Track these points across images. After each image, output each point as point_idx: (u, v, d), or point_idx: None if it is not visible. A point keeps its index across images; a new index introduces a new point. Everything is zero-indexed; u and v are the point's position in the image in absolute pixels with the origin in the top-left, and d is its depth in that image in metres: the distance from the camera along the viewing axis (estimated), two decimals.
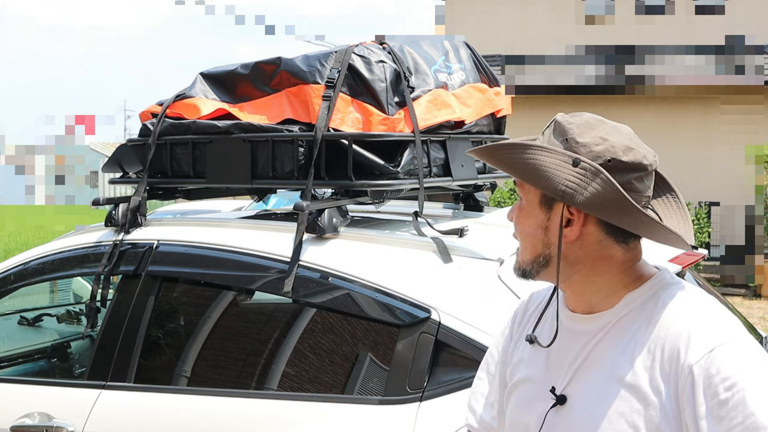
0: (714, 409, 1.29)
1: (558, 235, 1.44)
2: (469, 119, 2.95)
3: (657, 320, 1.39)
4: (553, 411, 1.46)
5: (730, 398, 1.28)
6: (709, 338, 1.33)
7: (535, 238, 1.47)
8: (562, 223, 1.43)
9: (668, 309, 1.40)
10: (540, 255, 1.47)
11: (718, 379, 1.30)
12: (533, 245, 1.48)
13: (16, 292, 3.40)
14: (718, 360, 1.31)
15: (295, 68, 2.78)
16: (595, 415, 1.39)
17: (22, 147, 37.85)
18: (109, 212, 2.99)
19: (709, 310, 1.41)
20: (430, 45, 2.98)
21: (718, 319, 1.39)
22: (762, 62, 11.65)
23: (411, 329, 2.28)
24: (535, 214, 1.47)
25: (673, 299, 1.42)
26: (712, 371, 1.30)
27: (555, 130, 1.45)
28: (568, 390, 1.45)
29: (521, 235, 1.51)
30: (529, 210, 1.48)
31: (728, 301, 3.11)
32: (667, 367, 1.35)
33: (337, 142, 2.65)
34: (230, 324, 2.84)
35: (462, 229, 2.58)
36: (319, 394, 2.41)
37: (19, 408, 2.73)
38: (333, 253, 2.53)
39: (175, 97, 3.01)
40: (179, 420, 2.53)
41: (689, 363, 1.32)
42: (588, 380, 1.43)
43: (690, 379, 1.31)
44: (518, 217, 1.51)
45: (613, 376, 1.40)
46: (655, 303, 1.42)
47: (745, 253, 10.75)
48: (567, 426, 1.44)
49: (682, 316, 1.38)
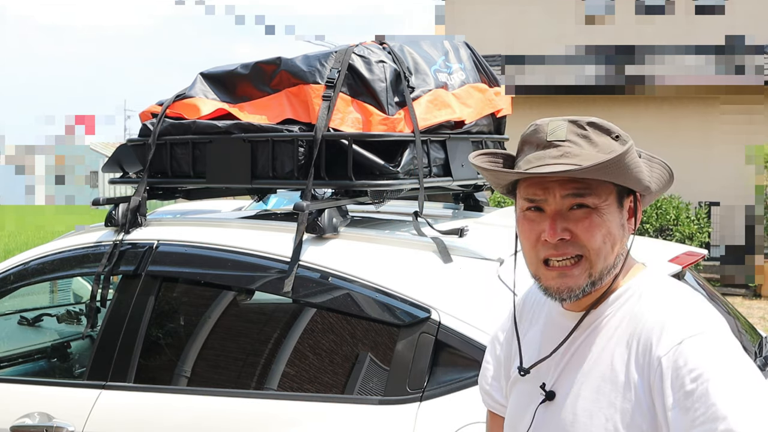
0: (681, 400, 1.30)
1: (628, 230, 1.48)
2: (469, 119, 2.95)
3: (636, 315, 1.41)
4: (542, 407, 1.48)
5: (695, 389, 1.29)
6: (680, 330, 1.35)
7: (615, 240, 1.43)
8: (636, 215, 1.48)
9: (646, 303, 1.42)
10: (618, 256, 1.45)
11: (685, 370, 1.31)
12: (610, 250, 1.43)
13: (16, 292, 3.40)
14: (685, 352, 1.32)
15: (295, 68, 2.78)
16: (577, 411, 1.41)
17: (22, 147, 37.87)
18: (109, 212, 2.99)
19: (685, 302, 1.42)
20: (430, 45, 2.98)
21: (693, 312, 1.39)
22: (762, 62, 11.64)
23: (411, 329, 2.28)
24: (615, 215, 1.44)
25: (652, 293, 1.44)
26: (679, 363, 1.32)
27: (598, 129, 1.43)
28: (556, 386, 1.47)
29: (592, 244, 1.41)
30: (606, 213, 1.42)
31: (728, 301, 3.11)
32: (641, 359, 1.36)
33: (337, 142, 2.65)
34: (230, 324, 2.84)
35: (462, 229, 2.58)
36: (319, 394, 2.41)
37: (19, 408, 2.73)
38: (333, 253, 2.53)
39: (175, 97, 3.01)
40: (179, 420, 2.53)
41: (659, 355, 1.34)
42: (573, 377, 1.44)
43: (659, 371, 1.33)
44: (590, 227, 1.41)
45: (594, 372, 1.42)
46: (637, 298, 1.44)
47: (745, 253, 10.75)
48: (554, 422, 1.45)
49: (658, 309, 1.40)
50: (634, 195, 1.48)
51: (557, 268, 1.42)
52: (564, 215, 1.41)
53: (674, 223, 11.38)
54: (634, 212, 1.48)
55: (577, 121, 1.43)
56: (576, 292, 1.42)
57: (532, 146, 1.44)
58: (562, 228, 1.40)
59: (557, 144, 1.41)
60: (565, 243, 1.41)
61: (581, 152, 1.39)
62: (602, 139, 1.42)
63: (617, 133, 1.43)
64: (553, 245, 1.41)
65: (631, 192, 1.47)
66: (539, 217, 1.43)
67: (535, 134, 1.44)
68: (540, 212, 1.43)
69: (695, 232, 11.41)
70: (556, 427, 1.45)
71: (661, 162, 1.52)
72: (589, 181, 1.40)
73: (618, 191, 1.44)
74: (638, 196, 1.49)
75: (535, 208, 1.44)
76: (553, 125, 1.43)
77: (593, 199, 1.41)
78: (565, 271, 1.41)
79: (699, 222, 11.62)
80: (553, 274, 1.43)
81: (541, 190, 1.42)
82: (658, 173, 1.50)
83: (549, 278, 1.43)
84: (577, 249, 1.41)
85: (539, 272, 1.45)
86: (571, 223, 1.41)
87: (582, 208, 1.41)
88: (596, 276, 1.42)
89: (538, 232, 1.43)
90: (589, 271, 1.41)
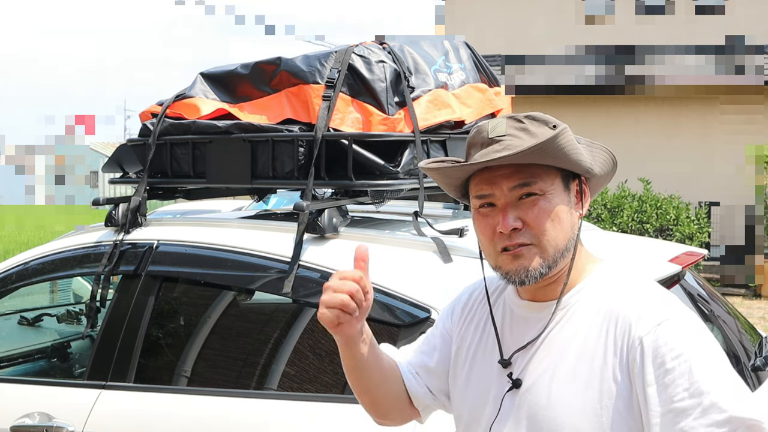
0: (660, 377, 1.38)
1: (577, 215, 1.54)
2: (469, 119, 2.95)
3: (608, 302, 1.48)
4: (509, 395, 1.52)
5: (676, 367, 1.37)
6: (658, 313, 1.43)
7: (564, 224, 1.50)
8: (582, 198, 1.54)
9: (618, 291, 1.49)
10: (569, 239, 1.51)
11: (666, 349, 1.39)
12: (563, 232, 1.49)
13: (16, 292, 3.40)
14: (665, 332, 1.40)
15: (295, 68, 2.78)
16: (551, 394, 1.46)
17: (22, 147, 37.86)
18: (109, 212, 2.99)
19: (655, 290, 1.51)
20: (430, 45, 2.98)
21: (664, 298, 1.48)
22: (762, 62, 11.64)
23: (411, 329, 2.28)
24: (563, 198, 1.50)
25: (620, 283, 1.51)
26: (659, 342, 1.39)
27: (535, 121, 1.51)
28: (524, 375, 1.51)
29: (544, 228, 1.47)
30: (553, 198, 1.49)
31: (728, 301, 3.11)
32: (619, 342, 1.43)
33: (337, 142, 2.64)
34: (230, 324, 2.84)
35: (462, 229, 2.58)
36: (319, 394, 2.41)
37: (19, 408, 2.73)
38: (333, 253, 2.52)
39: (175, 97, 3.01)
40: (179, 420, 2.53)
41: (639, 335, 1.41)
42: (543, 364, 1.49)
43: (640, 350, 1.40)
44: (539, 213, 1.47)
45: (567, 358, 1.47)
46: (605, 287, 1.51)
47: (745, 253, 10.75)
48: (525, 409, 1.49)
49: (631, 296, 1.48)
50: (579, 179, 1.55)
51: (511, 252, 1.49)
52: (514, 205, 1.49)
53: (674, 223, 11.38)
54: (581, 196, 1.55)
55: (514, 116, 1.51)
56: (533, 273, 1.48)
57: (477, 146, 1.51)
58: (514, 217, 1.48)
59: (498, 139, 1.48)
60: (518, 233, 1.48)
61: (521, 143, 1.45)
62: (540, 129, 1.48)
63: (554, 123, 1.50)
64: (507, 236, 1.48)
65: (576, 176, 1.54)
66: (492, 212, 1.51)
67: (478, 135, 1.52)
68: (492, 207, 1.51)
69: (695, 232, 11.40)
70: (527, 413, 1.49)
71: (603, 147, 1.59)
72: (534, 169, 1.48)
73: (563, 176, 1.51)
74: (584, 180, 1.55)
75: (488, 204, 1.51)
76: (493, 123, 1.50)
77: (539, 185, 1.48)
78: (518, 252, 1.48)
79: (699, 222, 11.61)
80: (509, 257, 1.49)
81: (489, 185, 1.50)
82: (600, 158, 1.57)
83: (506, 262, 1.49)
84: (529, 238, 1.48)
85: (498, 261, 1.51)
86: (522, 211, 1.48)
87: (530, 196, 1.48)
88: (550, 260, 1.48)
89: (492, 225, 1.50)
90: (541, 255, 1.48)
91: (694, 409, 1.35)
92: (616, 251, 2.73)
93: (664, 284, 2.14)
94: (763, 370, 2.67)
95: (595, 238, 2.77)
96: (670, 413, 1.36)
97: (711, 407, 1.34)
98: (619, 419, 1.41)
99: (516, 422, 1.50)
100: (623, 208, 11.35)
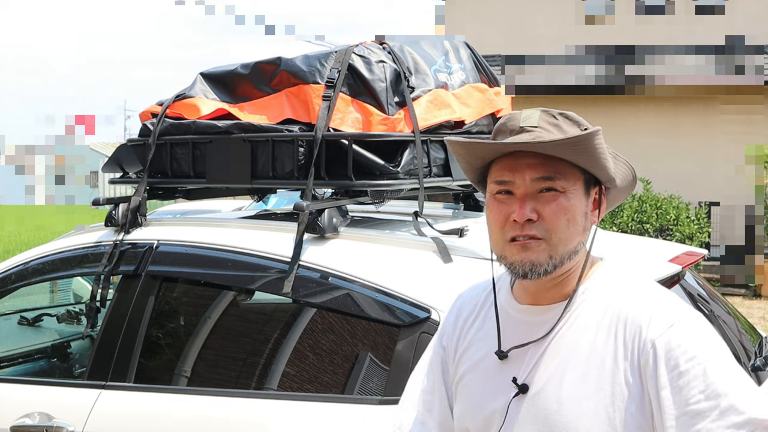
0: (674, 379, 1.37)
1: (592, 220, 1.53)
2: (469, 119, 2.95)
3: (616, 304, 1.47)
4: (516, 400, 1.50)
5: (690, 369, 1.37)
6: (669, 316, 1.42)
7: (578, 226, 1.48)
8: (599, 207, 1.53)
9: (625, 293, 1.48)
10: (579, 242, 1.50)
11: (679, 351, 1.38)
12: (575, 233, 1.48)
13: (16, 292, 3.40)
14: (677, 335, 1.39)
15: (295, 68, 2.77)
16: (562, 398, 1.44)
17: (22, 147, 37.92)
18: (109, 212, 2.99)
19: (662, 292, 1.50)
20: (430, 45, 2.98)
21: (672, 300, 1.48)
22: (762, 62, 11.64)
23: (411, 329, 2.28)
24: (582, 201, 1.49)
25: (626, 285, 1.51)
26: (672, 344, 1.39)
27: (569, 120, 1.49)
28: (530, 379, 1.49)
29: (556, 226, 1.46)
30: (573, 198, 1.47)
31: (728, 301, 3.10)
32: (630, 344, 1.42)
33: (337, 142, 2.64)
34: (230, 324, 2.84)
35: (462, 229, 2.58)
36: (319, 394, 2.41)
37: (19, 408, 2.72)
38: (333, 253, 2.53)
39: (175, 97, 3.01)
40: (179, 420, 2.53)
41: (651, 338, 1.40)
42: (550, 368, 1.47)
43: (653, 353, 1.39)
44: (557, 209, 1.46)
45: (575, 361, 1.45)
46: (610, 290, 1.50)
47: (745, 253, 10.74)
48: (533, 413, 1.47)
49: (639, 298, 1.47)
50: (600, 187, 1.54)
51: (520, 243, 1.46)
52: (533, 197, 1.46)
53: (674, 223, 11.38)
54: (598, 204, 1.54)
55: (548, 110, 1.49)
56: (538, 269, 1.46)
57: (506, 133, 1.50)
58: (530, 208, 1.45)
59: (529, 129, 1.47)
60: (531, 225, 1.46)
61: (551, 137, 1.44)
62: (572, 129, 1.48)
63: (586, 126, 1.49)
64: (519, 225, 1.46)
65: (597, 183, 1.53)
66: (509, 200, 1.48)
67: (509, 121, 1.50)
68: (510, 195, 1.49)
69: (695, 232, 11.40)
70: (536, 418, 1.47)
71: (626, 161, 1.59)
72: (559, 166, 1.46)
73: (585, 180, 1.50)
74: (603, 190, 1.54)
75: (506, 192, 1.49)
76: (527, 113, 1.49)
77: (562, 182, 1.46)
78: (526, 244, 1.46)
79: (699, 222, 11.61)
80: (516, 248, 1.47)
81: (511, 172, 1.48)
82: (622, 170, 1.57)
83: (513, 252, 1.47)
84: (541, 232, 1.46)
85: (505, 251, 1.49)
86: (540, 204, 1.46)
87: (551, 191, 1.46)
88: (557, 258, 1.46)
89: (507, 213, 1.48)
90: (550, 252, 1.46)
91: (712, 411, 1.34)
92: (616, 251, 2.73)
93: (664, 284, 2.14)
94: (763, 370, 2.67)
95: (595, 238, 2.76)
96: (686, 416, 1.35)
97: (729, 409, 1.34)
98: (631, 421, 1.40)
99: (524, 428, 1.48)
100: (623, 208, 11.35)
